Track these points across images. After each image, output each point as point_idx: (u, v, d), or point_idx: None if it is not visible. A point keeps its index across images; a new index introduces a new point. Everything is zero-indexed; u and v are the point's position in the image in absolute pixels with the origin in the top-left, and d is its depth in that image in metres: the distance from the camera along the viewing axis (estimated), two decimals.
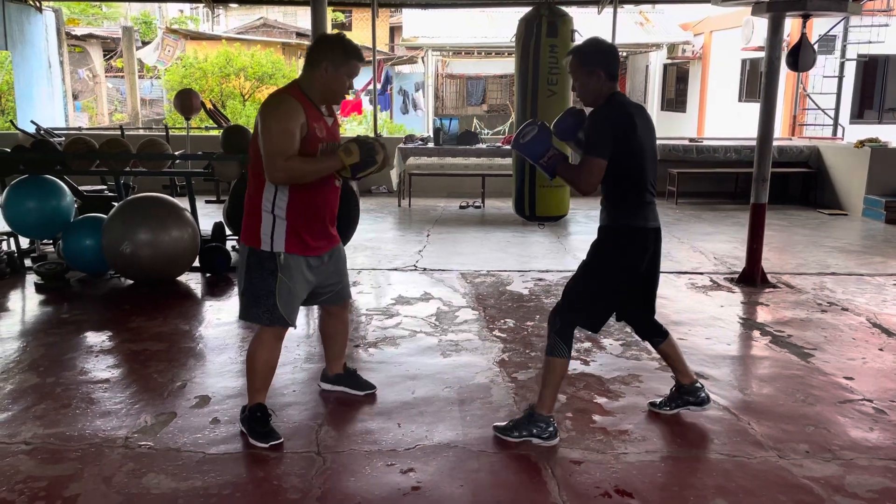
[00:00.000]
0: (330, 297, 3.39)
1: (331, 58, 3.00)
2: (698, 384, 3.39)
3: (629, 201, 3.06)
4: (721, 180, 10.48)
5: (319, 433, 3.22)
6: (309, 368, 3.95)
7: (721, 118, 15.62)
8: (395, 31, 25.10)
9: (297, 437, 3.18)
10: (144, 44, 19.72)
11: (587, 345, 4.36)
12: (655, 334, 3.38)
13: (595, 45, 3.10)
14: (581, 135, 3.10)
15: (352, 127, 17.53)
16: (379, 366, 4.02)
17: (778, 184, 8.60)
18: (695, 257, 6.78)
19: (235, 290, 5.31)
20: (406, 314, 4.93)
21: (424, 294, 5.42)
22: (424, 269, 6.17)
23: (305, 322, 4.98)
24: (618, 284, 3.14)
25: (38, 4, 11.41)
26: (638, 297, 3.29)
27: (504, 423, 3.20)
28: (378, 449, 3.08)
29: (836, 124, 12.85)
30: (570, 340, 3.10)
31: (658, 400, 3.48)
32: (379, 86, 15.58)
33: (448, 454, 3.05)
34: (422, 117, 19.00)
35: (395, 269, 6.20)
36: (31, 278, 5.69)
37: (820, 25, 12.65)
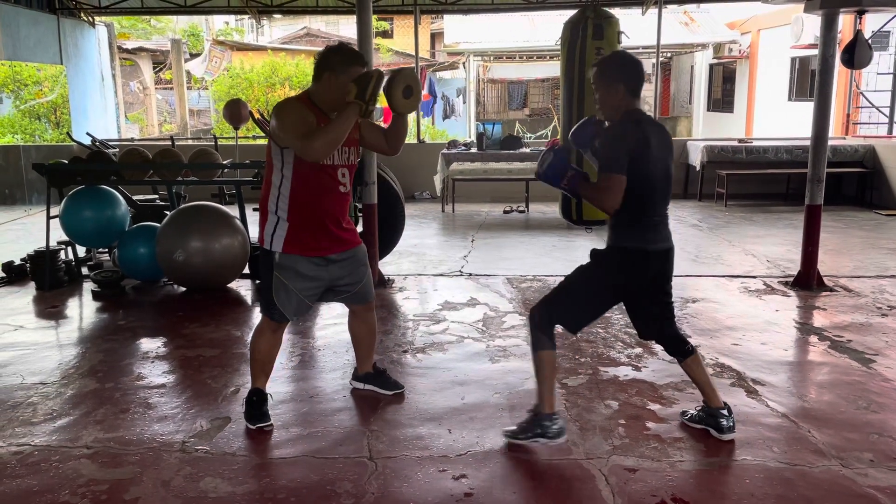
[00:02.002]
0: (349, 296, 3.50)
1: (332, 67, 3.11)
2: (724, 410, 3.19)
3: (634, 222, 3.01)
4: (772, 181, 10.25)
5: (371, 438, 3.23)
6: None
7: (770, 118, 15.28)
8: (436, 37, 25.21)
9: (349, 443, 3.20)
10: (192, 56, 20.19)
11: (638, 350, 4.30)
12: (677, 352, 3.24)
13: (618, 58, 3.06)
14: (598, 143, 3.06)
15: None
16: (428, 371, 4.02)
17: (832, 184, 8.39)
18: (747, 260, 6.63)
19: None
20: (453, 319, 4.93)
21: (471, 299, 5.41)
22: (470, 275, 6.16)
23: None
24: (609, 298, 3.14)
25: (91, 20, 11.77)
26: (643, 313, 3.19)
27: (513, 427, 3.19)
28: (429, 455, 3.08)
29: (891, 122, 12.45)
30: (551, 333, 3.09)
31: (690, 412, 3.35)
32: (425, 91, 15.65)
33: (500, 460, 3.03)
34: (461, 122, 19.01)
35: (441, 275, 6.20)
36: (88, 286, 5.86)
37: (873, 21, 12.28)
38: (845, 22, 10.99)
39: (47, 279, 5.78)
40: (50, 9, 10.76)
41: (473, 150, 9.80)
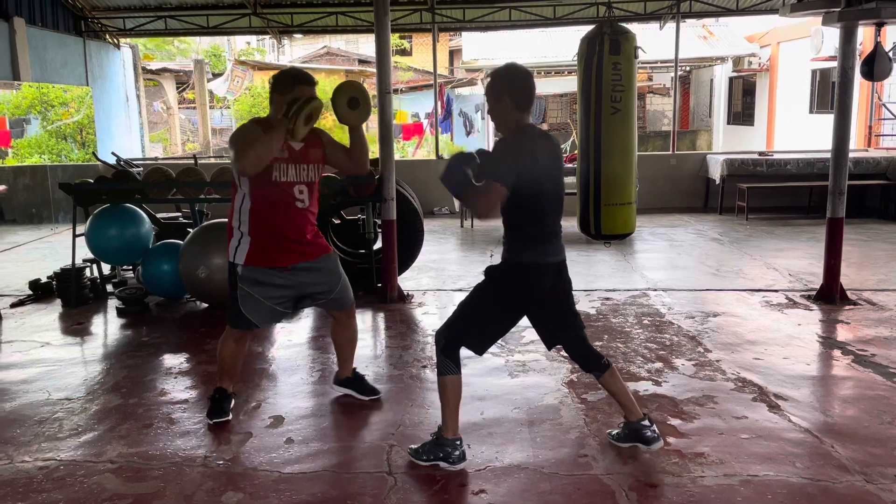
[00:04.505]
0: (327, 303, 3.66)
1: (277, 88, 3.35)
2: (645, 421, 3.16)
3: (527, 236, 2.97)
4: (793, 194, 10.16)
5: (390, 453, 3.24)
6: (380, 390, 3.98)
7: (791, 130, 15.17)
8: (454, 53, 25.35)
9: (369, 457, 3.22)
10: (215, 75, 20.48)
11: (658, 365, 4.28)
12: (594, 367, 3.19)
13: (505, 71, 3.01)
14: (484, 157, 2.96)
15: (413, 151, 17.76)
16: None
17: (855, 197, 8.30)
18: (769, 274, 6.58)
19: (304, 312, 5.45)
20: None
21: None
22: None
23: (372, 343, 5.05)
24: (510, 315, 3.09)
25: (116, 42, 12.02)
26: (548, 326, 3.17)
27: (416, 447, 3.17)
28: (449, 470, 3.08)
29: None
30: (457, 358, 3.06)
31: (615, 431, 3.30)
32: (441, 111, 15.76)
33: (519, 476, 3.03)
34: (480, 138, 19.08)
35: (460, 290, 6.22)
36: (113, 303, 5.95)
37: (893, 33, 12.18)
38: (865, 34, 10.93)
39: (73, 296, 5.88)
40: (76, 31, 11.00)
41: None
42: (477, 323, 3.08)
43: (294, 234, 3.43)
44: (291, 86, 3.31)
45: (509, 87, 2.95)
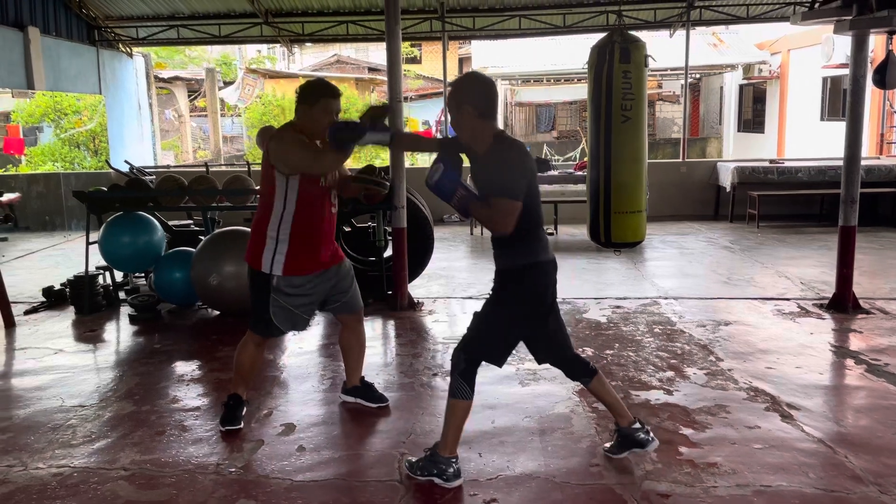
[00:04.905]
0: (339, 306, 3.72)
1: (303, 100, 3.41)
2: (636, 424, 3.16)
3: (529, 239, 2.97)
4: (805, 202, 10.12)
5: (401, 462, 3.24)
6: (389, 397, 3.99)
7: (802, 138, 15.12)
8: (464, 61, 25.42)
9: (380, 466, 3.22)
10: (226, 84, 20.63)
11: (670, 374, 4.27)
12: (582, 373, 3.19)
13: (465, 80, 3.01)
14: (479, 170, 2.97)
15: (421, 157, 17.77)
16: None
17: (867, 205, 8.25)
18: (780, 282, 6.55)
19: (316, 320, 5.46)
20: None
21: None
22: None
23: (383, 350, 5.06)
24: (522, 321, 3.05)
25: (129, 51, 12.12)
26: (543, 333, 3.14)
27: (413, 459, 3.15)
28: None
29: None
30: (472, 381, 3.03)
31: (609, 444, 3.28)
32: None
33: (531, 485, 3.02)
34: None
35: (470, 298, 6.22)
36: (125, 310, 5.98)
37: None
38: (877, 42, 10.89)
39: (86, 303, 5.92)
40: (90, 40, 11.11)
41: None
42: (495, 334, 3.05)
43: (328, 239, 3.54)
44: (317, 98, 3.38)
45: (467, 95, 2.92)
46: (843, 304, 5.57)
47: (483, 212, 2.92)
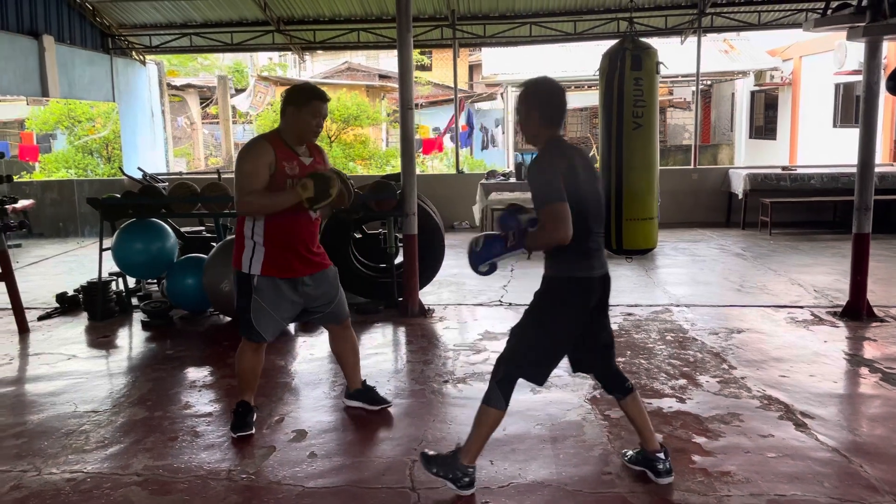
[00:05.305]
0: (323, 316, 3.73)
1: (293, 102, 3.43)
2: (661, 454, 3.08)
3: (571, 250, 2.82)
4: (817, 209, 10.06)
5: (413, 469, 3.24)
6: (400, 404, 4.00)
7: (815, 145, 15.03)
8: (474, 68, 25.46)
9: (392, 472, 3.22)
10: (238, 91, 20.73)
11: (682, 382, 4.24)
12: (617, 389, 3.13)
13: (533, 85, 2.95)
14: (527, 180, 2.90)
15: (432, 164, 17.81)
16: (468, 401, 4.01)
17: (881, 212, 8.17)
18: (793, 290, 6.51)
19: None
20: (493, 350, 4.93)
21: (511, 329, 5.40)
22: (510, 304, 6.16)
23: (393, 357, 5.05)
24: (563, 337, 2.95)
25: (142, 59, 12.21)
26: (587, 346, 3.06)
27: (433, 453, 3.13)
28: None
29: None
30: (509, 393, 2.96)
31: (630, 452, 3.24)
32: (463, 124, 15.85)
33: (542, 493, 3.01)
34: (500, 152, 19.13)
35: (481, 305, 6.22)
36: (138, 316, 6.02)
37: None
38: (890, 49, 10.84)
39: (99, 310, 5.96)
40: (104, 48, 11.21)
41: (512, 179, 9.86)
42: (530, 354, 2.96)
43: (304, 245, 3.52)
44: (307, 101, 3.41)
45: (537, 101, 2.93)
46: (857, 312, 5.52)
47: (535, 237, 2.80)
